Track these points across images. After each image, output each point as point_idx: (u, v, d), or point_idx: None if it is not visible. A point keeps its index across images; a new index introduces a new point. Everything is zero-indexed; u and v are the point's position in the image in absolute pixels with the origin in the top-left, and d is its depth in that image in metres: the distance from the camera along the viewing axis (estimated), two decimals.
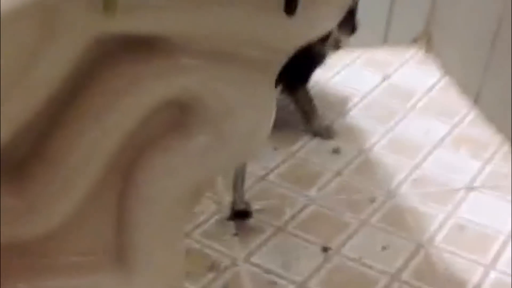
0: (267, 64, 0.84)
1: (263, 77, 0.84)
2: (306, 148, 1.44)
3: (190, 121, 0.77)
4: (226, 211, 1.22)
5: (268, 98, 0.87)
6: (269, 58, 0.83)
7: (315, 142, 1.46)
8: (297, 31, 0.80)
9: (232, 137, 0.82)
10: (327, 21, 0.83)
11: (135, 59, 0.69)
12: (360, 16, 1.76)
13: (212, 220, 1.22)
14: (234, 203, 1.21)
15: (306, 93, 1.49)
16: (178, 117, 0.77)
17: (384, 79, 1.72)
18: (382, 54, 1.82)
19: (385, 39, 1.84)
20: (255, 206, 1.26)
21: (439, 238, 1.22)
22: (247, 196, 1.28)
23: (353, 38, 1.79)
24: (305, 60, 1.45)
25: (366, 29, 1.81)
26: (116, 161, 0.71)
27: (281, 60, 0.85)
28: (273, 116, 0.89)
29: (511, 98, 1.45)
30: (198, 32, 0.72)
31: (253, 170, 1.35)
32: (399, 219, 1.26)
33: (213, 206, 1.24)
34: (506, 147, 1.48)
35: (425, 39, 1.85)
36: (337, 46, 1.45)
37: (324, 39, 1.42)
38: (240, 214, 1.20)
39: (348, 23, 1.45)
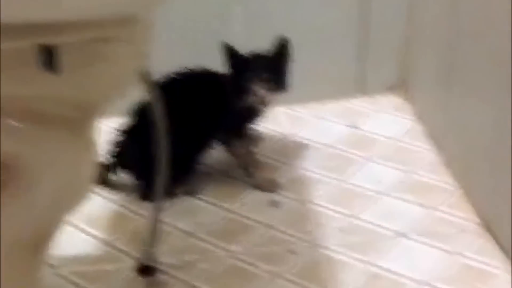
0: (79, 122, 0.87)
1: (77, 134, 0.88)
2: (245, 201, 1.44)
3: (12, 180, 0.82)
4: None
5: (85, 154, 0.90)
6: (76, 115, 0.86)
7: (255, 196, 1.46)
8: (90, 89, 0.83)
9: (51, 193, 0.86)
10: (118, 80, 0.84)
11: None
12: (332, 67, 1.79)
13: (123, 276, 1.24)
14: (141, 259, 1.22)
15: (246, 147, 1.50)
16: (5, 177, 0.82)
17: (351, 128, 1.69)
18: (356, 104, 1.80)
19: (360, 89, 1.82)
20: (172, 261, 1.27)
21: None
22: (170, 251, 1.29)
23: (327, 90, 1.81)
24: (235, 117, 1.47)
25: (342, 81, 1.82)
26: None
27: (89, 117, 0.88)
28: (93, 169, 0.93)
29: (469, 143, 1.39)
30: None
31: (184, 226, 1.37)
32: (313, 271, 1.21)
33: (129, 262, 1.27)
34: (457, 193, 1.41)
35: (402, 87, 1.81)
36: (264, 103, 1.45)
37: (245, 96, 1.44)
38: (145, 270, 1.21)
39: (277, 82, 1.45)
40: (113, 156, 1.46)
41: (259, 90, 1.42)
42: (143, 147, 1.29)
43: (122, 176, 1.48)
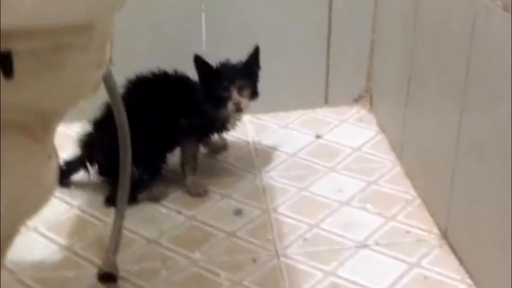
0: (38, 129, 0.87)
1: (37, 141, 0.87)
2: (209, 210, 1.44)
3: None
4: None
5: (46, 161, 0.90)
6: (35, 122, 0.86)
7: (219, 204, 1.47)
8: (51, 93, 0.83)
9: (9, 201, 0.85)
10: (79, 85, 0.84)
11: None
12: (300, 77, 1.80)
13: (84, 283, 1.23)
14: (103, 265, 1.22)
15: (195, 150, 1.51)
16: None
17: (316, 138, 1.71)
18: (322, 115, 1.82)
19: (325, 100, 1.84)
20: (134, 269, 1.27)
21: None
22: (131, 258, 1.30)
23: (294, 99, 1.83)
24: (204, 123, 1.48)
25: (308, 91, 1.84)
26: None
27: (49, 124, 0.88)
28: (54, 175, 0.92)
29: (427, 155, 1.41)
30: None
31: (147, 233, 1.37)
32: (274, 279, 1.23)
33: (90, 268, 1.26)
34: (416, 203, 1.43)
35: (367, 98, 1.83)
36: (238, 109, 1.46)
37: (221, 105, 1.45)
38: (105, 277, 1.21)
39: (251, 89, 1.47)
40: (80, 148, 1.47)
41: (237, 98, 1.44)
42: (110, 140, 1.29)
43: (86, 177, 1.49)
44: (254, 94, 1.49)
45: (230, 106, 1.44)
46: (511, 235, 1.05)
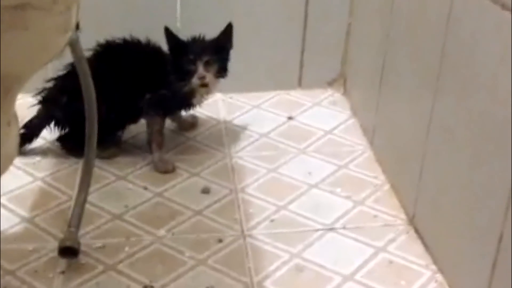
0: None
1: None
2: (177, 188, 1.42)
3: None
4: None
5: (6, 129, 0.87)
6: None
7: (187, 181, 1.44)
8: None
9: None
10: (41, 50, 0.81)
11: None
12: (274, 58, 1.78)
13: (45, 258, 1.21)
14: (63, 240, 1.19)
15: (160, 125, 1.49)
16: None
17: (288, 119, 1.69)
18: (295, 96, 1.80)
19: (299, 82, 1.83)
20: (97, 244, 1.25)
21: (272, 279, 1.17)
22: (95, 233, 1.27)
23: (267, 80, 1.81)
24: (169, 95, 1.46)
25: (282, 72, 1.82)
26: None
27: (9, 90, 0.85)
28: (15, 144, 0.90)
29: (397, 141, 1.40)
30: None
31: (112, 208, 1.35)
32: (238, 260, 1.21)
33: (51, 242, 1.24)
34: (385, 188, 1.43)
35: (341, 82, 1.82)
36: (203, 84, 1.44)
37: (187, 78, 1.43)
38: (66, 251, 1.18)
39: (219, 65, 1.45)
40: (44, 101, 1.46)
41: (202, 72, 1.42)
42: (75, 95, 1.29)
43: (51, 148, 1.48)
44: (222, 72, 1.47)
45: (195, 79, 1.43)
46: (476, 223, 1.05)
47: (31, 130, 1.47)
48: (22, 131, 1.42)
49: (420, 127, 1.26)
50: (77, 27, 0.87)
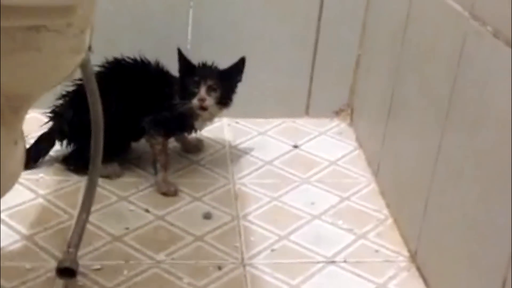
0: (8, 114, 0.83)
1: (5, 127, 0.84)
2: (178, 212, 1.41)
3: None
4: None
5: (13, 148, 0.87)
6: (5, 106, 0.82)
7: (189, 205, 1.44)
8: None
9: None
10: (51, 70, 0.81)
11: None
12: (282, 85, 1.78)
13: (43, 277, 1.19)
14: (61, 260, 1.18)
15: (163, 145, 1.48)
16: None
17: (293, 148, 1.69)
18: (301, 125, 1.80)
19: (306, 111, 1.82)
20: (95, 265, 1.24)
21: None
22: (94, 254, 1.26)
23: (275, 107, 1.81)
24: (171, 114, 1.46)
25: (289, 100, 1.82)
26: None
27: (19, 109, 0.84)
28: (21, 162, 0.89)
29: (402, 174, 1.40)
30: None
31: (112, 229, 1.34)
32: None
33: (50, 261, 1.23)
34: (388, 223, 1.42)
35: (348, 112, 1.82)
36: (202, 107, 1.44)
37: (188, 98, 1.44)
38: (64, 272, 1.17)
39: (222, 93, 1.46)
40: (52, 118, 1.48)
41: (203, 94, 1.44)
42: (81, 110, 1.31)
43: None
44: (225, 100, 1.48)
45: (195, 101, 1.44)
46: (480, 265, 1.04)
47: (38, 152, 1.48)
48: (29, 147, 1.43)
49: (426, 162, 1.25)
50: (89, 48, 0.87)
